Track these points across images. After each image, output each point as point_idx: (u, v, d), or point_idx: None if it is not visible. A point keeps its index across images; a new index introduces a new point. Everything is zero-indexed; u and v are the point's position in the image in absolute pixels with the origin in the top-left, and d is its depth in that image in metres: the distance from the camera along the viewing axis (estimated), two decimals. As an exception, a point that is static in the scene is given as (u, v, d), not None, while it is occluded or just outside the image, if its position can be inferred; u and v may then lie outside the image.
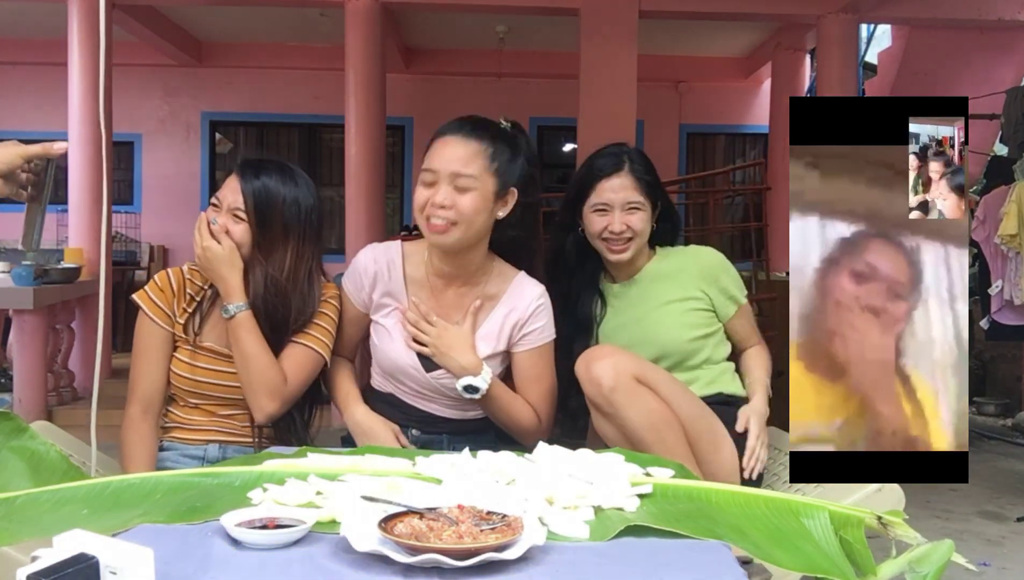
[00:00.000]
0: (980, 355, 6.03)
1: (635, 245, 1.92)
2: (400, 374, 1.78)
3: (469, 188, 1.63)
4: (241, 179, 1.74)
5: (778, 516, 1.21)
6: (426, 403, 1.80)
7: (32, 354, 4.87)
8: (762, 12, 6.09)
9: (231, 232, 1.73)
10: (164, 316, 1.76)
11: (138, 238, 8.14)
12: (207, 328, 1.78)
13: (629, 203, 1.90)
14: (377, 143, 5.74)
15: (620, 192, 1.89)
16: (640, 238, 1.92)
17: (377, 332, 1.81)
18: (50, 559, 0.85)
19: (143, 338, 1.76)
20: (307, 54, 8.02)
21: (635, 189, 1.90)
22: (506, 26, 7.17)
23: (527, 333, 1.77)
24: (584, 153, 5.91)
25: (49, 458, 1.34)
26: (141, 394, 1.75)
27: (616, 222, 1.89)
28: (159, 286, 1.77)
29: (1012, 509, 3.84)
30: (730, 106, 8.81)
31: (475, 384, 1.70)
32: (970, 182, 5.03)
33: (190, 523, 1.15)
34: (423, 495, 1.21)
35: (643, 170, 1.93)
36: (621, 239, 1.90)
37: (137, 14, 6.29)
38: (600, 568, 1.03)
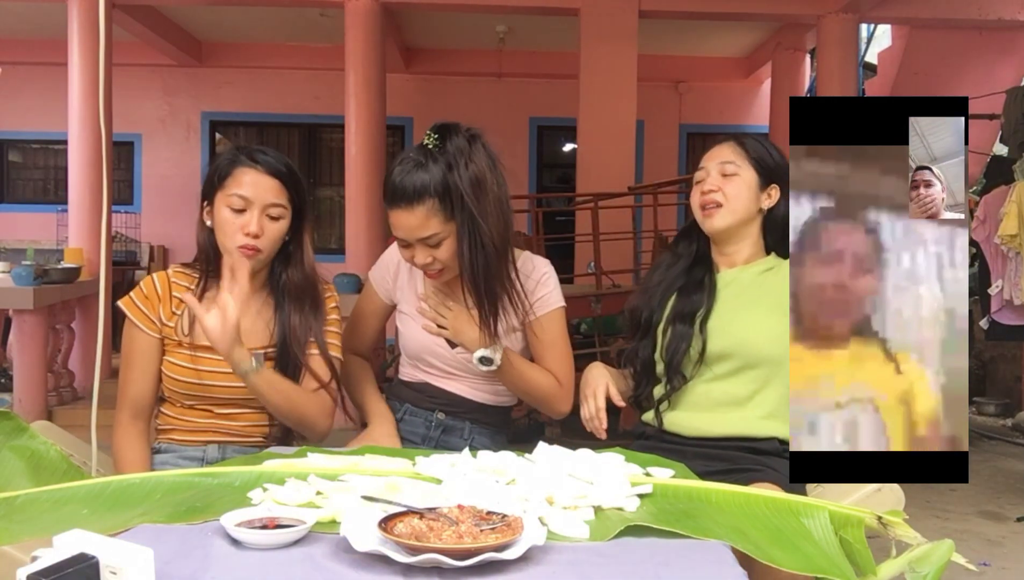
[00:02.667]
0: (980, 355, 6.03)
1: (725, 214, 1.75)
2: (428, 355, 1.85)
3: (439, 243, 1.69)
4: (268, 170, 1.67)
5: (778, 516, 1.21)
6: (454, 383, 1.86)
7: (32, 354, 4.88)
8: (762, 12, 6.10)
9: (267, 233, 1.67)
10: (150, 322, 1.72)
11: (138, 238, 8.15)
12: (199, 328, 1.69)
13: (725, 163, 1.77)
14: (377, 143, 5.74)
15: (718, 155, 1.79)
16: (733, 207, 1.75)
17: (402, 320, 1.89)
18: (50, 559, 0.86)
19: (130, 344, 1.73)
20: (307, 54, 8.03)
21: (736, 154, 1.77)
22: (506, 26, 7.18)
23: (535, 300, 1.83)
24: (584, 153, 5.94)
25: (49, 458, 1.34)
26: (131, 400, 1.73)
27: (709, 181, 1.77)
28: (144, 293, 1.73)
29: (1012, 509, 3.84)
30: (730, 106, 8.81)
31: (487, 355, 1.76)
32: (970, 182, 5.03)
33: (190, 523, 1.15)
34: (423, 495, 1.21)
35: (757, 145, 1.79)
36: (712, 203, 1.76)
37: (137, 14, 6.29)
38: (600, 568, 1.03)
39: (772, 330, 1.67)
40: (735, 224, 1.77)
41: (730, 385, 1.71)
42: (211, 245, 1.72)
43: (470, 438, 1.84)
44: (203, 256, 1.74)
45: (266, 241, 1.67)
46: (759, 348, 1.69)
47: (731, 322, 1.73)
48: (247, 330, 1.72)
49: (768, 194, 1.77)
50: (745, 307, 1.74)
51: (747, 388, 1.70)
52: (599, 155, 5.81)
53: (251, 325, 1.73)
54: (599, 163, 5.79)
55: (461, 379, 1.86)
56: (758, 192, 1.77)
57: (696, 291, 1.79)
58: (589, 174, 5.81)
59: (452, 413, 1.86)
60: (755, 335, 1.70)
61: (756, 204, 1.78)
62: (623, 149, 5.84)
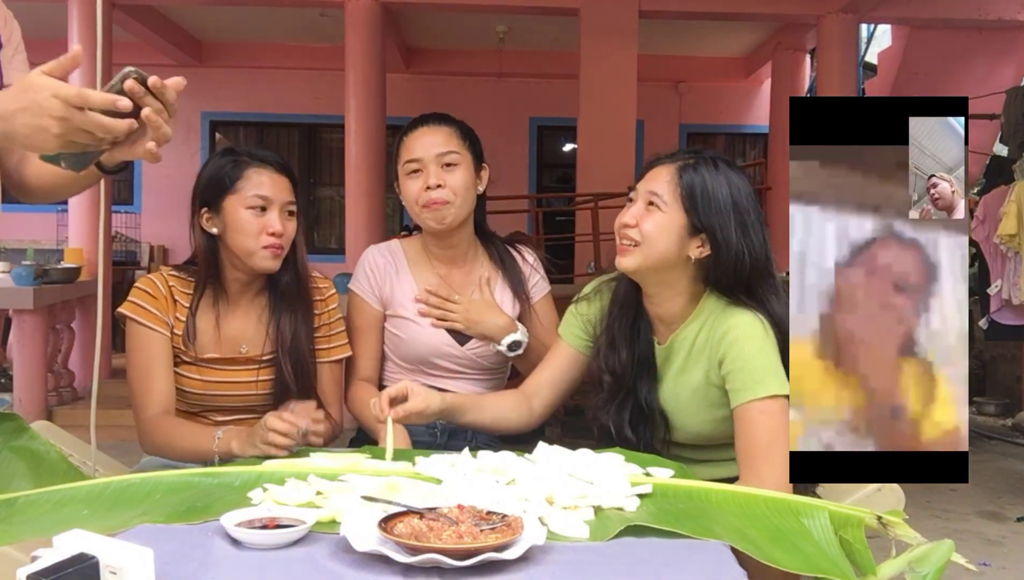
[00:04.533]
0: (980, 355, 6.03)
1: (638, 255, 1.52)
2: (435, 356, 1.83)
3: (456, 163, 1.76)
4: (279, 169, 1.68)
5: (778, 516, 1.21)
6: (459, 384, 1.84)
7: (32, 354, 4.88)
8: (762, 12, 6.10)
9: (287, 231, 1.68)
10: (162, 323, 1.66)
11: (138, 238, 8.14)
12: (201, 338, 1.69)
13: (652, 193, 1.52)
14: (377, 143, 5.74)
15: (651, 181, 1.54)
16: (646, 251, 1.51)
17: (398, 325, 1.84)
18: (50, 559, 0.85)
19: (145, 347, 1.65)
20: (307, 54, 8.02)
21: (667, 186, 1.51)
22: (506, 26, 7.18)
23: (531, 286, 1.90)
24: (584, 153, 5.94)
25: (49, 458, 1.34)
26: (158, 399, 1.65)
27: (631, 211, 1.54)
28: (150, 293, 1.66)
29: (1012, 509, 3.84)
30: (730, 106, 8.81)
31: (518, 338, 1.79)
32: (970, 182, 5.02)
33: (190, 523, 1.15)
34: (423, 495, 1.21)
35: (697, 179, 1.50)
36: (627, 239, 1.53)
37: (137, 14, 6.29)
38: (600, 568, 1.03)
39: (725, 422, 1.51)
40: (648, 269, 1.52)
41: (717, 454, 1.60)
42: (212, 251, 1.69)
43: (472, 439, 1.82)
44: (204, 263, 1.69)
45: (286, 239, 1.68)
46: (723, 436, 1.53)
47: (682, 413, 1.57)
48: (251, 339, 1.72)
49: (700, 241, 1.50)
50: (694, 399, 1.55)
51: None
52: (599, 155, 5.81)
53: (254, 333, 1.72)
54: (599, 163, 5.79)
55: (466, 378, 1.85)
56: (684, 237, 1.50)
57: (643, 370, 1.58)
58: (589, 174, 5.81)
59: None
60: (713, 429, 1.56)
61: (680, 250, 1.50)
62: (623, 149, 5.83)
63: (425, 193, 1.75)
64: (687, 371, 1.56)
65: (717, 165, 1.53)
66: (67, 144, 1.08)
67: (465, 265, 1.89)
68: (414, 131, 1.80)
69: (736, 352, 1.47)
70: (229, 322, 1.71)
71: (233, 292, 1.72)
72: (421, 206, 1.77)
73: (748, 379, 1.45)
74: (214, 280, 1.70)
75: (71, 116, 1.06)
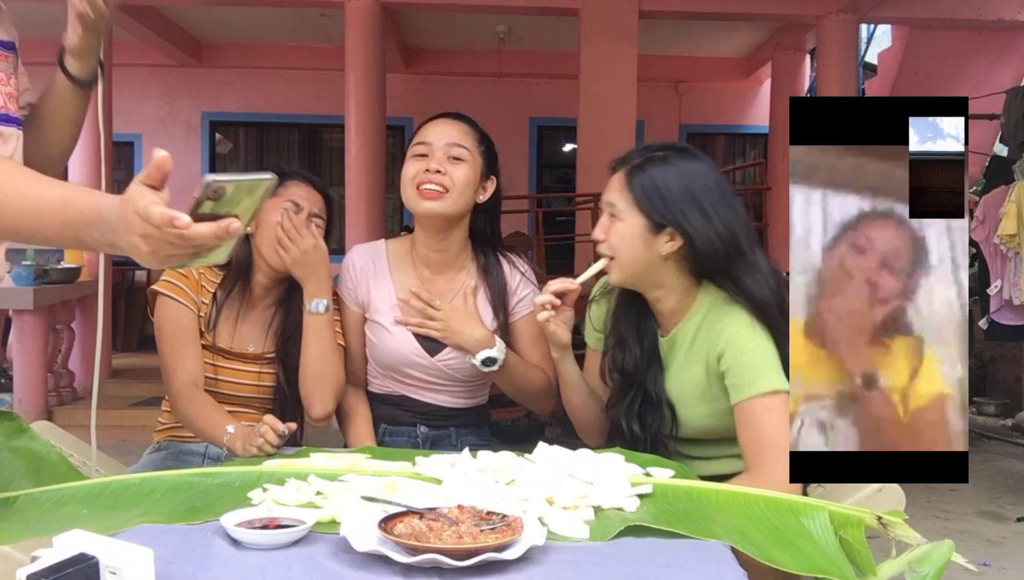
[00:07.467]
0: (980, 355, 6.03)
1: (616, 269, 1.56)
2: (404, 365, 1.77)
3: (462, 159, 1.73)
4: (319, 190, 1.82)
5: (778, 516, 1.21)
6: (433, 394, 1.80)
7: (32, 354, 4.88)
8: (762, 12, 6.09)
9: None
10: (192, 301, 1.76)
11: (138, 238, 8.12)
12: (220, 328, 1.78)
13: (609, 204, 1.56)
14: (377, 143, 5.74)
15: (607, 192, 1.58)
16: (621, 261, 1.54)
17: (373, 330, 1.80)
18: (50, 559, 0.85)
19: (175, 321, 1.73)
20: (307, 54, 8.02)
21: (621, 195, 1.55)
22: (506, 26, 7.18)
23: (519, 300, 1.83)
24: (584, 153, 5.93)
25: (49, 458, 1.34)
26: (189, 372, 1.71)
27: (599, 224, 1.58)
28: (183, 273, 1.75)
29: (1012, 509, 3.84)
30: (730, 106, 8.81)
31: (493, 355, 1.72)
32: (970, 182, 5.03)
33: (190, 523, 1.15)
34: (423, 495, 1.21)
35: (647, 182, 1.52)
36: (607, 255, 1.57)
37: (137, 14, 6.28)
38: (600, 568, 1.03)
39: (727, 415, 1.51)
40: (631, 277, 1.56)
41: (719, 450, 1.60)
42: (246, 253, 1.77)
43: (458, 442, 1.80)
44: (237, 261, 1.76)
45: None
46: (725, 430, 1.53)
47: (685, 406, 1.59)
48: (257, 339, 1.82)
49: (668, 237, 1.51)
50: (695, 393, 1.57)
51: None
52: (599, 155, 5.78)
53: (262, 335, 1.82)
54: (599, 163, 5.71)
55: (439, 389, 1.80)
56: (649, 238, 1.51)
57: (650, 361, 1.61)
58: (589, 174, 5.80)
59: (435, 424, 1.81)
60: (715, 423, 1.56)
61: (650, 252, 1.52)
62: (623, 149, 5.77)
63: (424, 174, 1.70)
64: (689, 364, 1.58)
65: (667, 158, 1.54)
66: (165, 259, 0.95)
67: (450, 271, 1.81)
68: (433, 120, 1.79)
69: (735, 347, 1.49)
70: (245, 320, 1.81)
71: (256, 294, 1.81)
72: (416, 186, 1.71)
73: (748, 374, 1.46)
74: (244, 279, 1.79)
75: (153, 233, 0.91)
